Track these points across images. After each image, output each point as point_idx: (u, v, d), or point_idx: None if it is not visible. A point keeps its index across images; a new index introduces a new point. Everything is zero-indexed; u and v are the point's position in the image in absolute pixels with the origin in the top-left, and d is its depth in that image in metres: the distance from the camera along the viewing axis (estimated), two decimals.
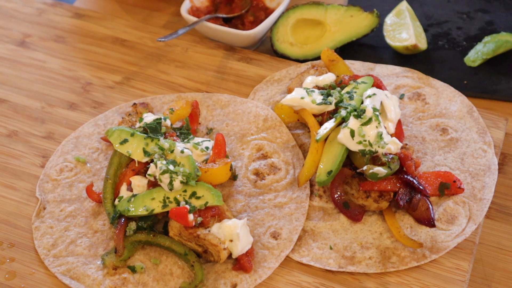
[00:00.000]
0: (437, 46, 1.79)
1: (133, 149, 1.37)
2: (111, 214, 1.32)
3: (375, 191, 1.33)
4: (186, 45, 1.75)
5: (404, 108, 1.54)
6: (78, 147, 1.50)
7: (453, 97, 1.56)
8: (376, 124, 1.35)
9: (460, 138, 1.48)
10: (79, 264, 1.30)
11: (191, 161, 1.33)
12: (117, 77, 1.69)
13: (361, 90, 1.44)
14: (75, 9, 1.88)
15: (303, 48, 1.74)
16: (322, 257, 1.31)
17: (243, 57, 1.71)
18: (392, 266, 1.29)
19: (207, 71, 1.69)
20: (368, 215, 1.36)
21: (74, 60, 1.74)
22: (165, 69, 1.70)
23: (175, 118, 1.46)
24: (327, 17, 1.76)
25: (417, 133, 1.49)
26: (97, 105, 1.62)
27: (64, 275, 1.29)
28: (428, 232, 1.33)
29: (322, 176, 1.34)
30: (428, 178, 1.38)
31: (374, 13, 1.76)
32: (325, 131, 1.39)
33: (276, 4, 1.80)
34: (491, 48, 1.72)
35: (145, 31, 1.80)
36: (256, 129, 1.50)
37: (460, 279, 1.28)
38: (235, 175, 1.42)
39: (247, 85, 1.65)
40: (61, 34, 1.81)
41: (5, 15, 1.87)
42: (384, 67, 1.64)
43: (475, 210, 1.36)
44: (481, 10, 1.89)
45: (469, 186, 1.40)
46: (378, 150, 1.33)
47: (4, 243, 1.37)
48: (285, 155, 1.45)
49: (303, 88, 1.48)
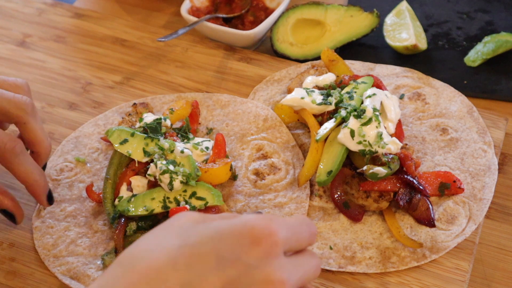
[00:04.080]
0: (437, 46, 1.79)
1: (133, 149, 1.37)
2: (111, 214, 1.32)
3: (375, 191, 1.33)
4: (186, 45, 1.75)
5: (404, 108, 1.54)
6: (78, 147, 1.50)
7: (453, 97, 1.56)
8: (376, 124, 1.35)
9: (460, 138, 1.48)
10: (79, 264, 1.30)
11: (191, 161, 1.33)
12: (117, 77, 1.69)
13: (361, 90, 1.44)
14: (75, 9, 1.88)
15: (303, 48, 1.74)
16: (322, 257, 1.31)
17: (243, 57, 1.71)
18: (392, 266, 1.29)
19: (207, 71, 1.69)
20: (368, 215, 1.36)
21: (74, 60, 1.74)
22: (165, 69, 1.70)
23: (175, 118, 1.46)
24: (327, 17, 1.76)
25: (417, 133, 1.49)
26: (97, 105, 1.62)
27: (64, 275, 1.29)
28: (428, 232, 1.33)
29: (322, 176, 1.34)
30: (428, 178, 1.38)
31: (374, 13, 1.76)
32: (325, 131, 1.39)
33: (276, 4, 1.80)
34: (491, 48, 1.71)
35: (145, 31, 1.80)
36: (256, 129, 1.50)
37: (460, 279, 1.28)
38: (235, 175, 1.42)
39: (247, 85, 1.65)
40: (61, 34, 1.81)
41: (5, 15, 1.87)
42: (384, 67, 1.64)
43: (475, 210, 1.36)
44: (481, 10, 1.89)
45: (469, 186, 1.40)
46: (378, 150, 1.33)
47: (4, 243, 1.37)
48: (285, 155, 1.45)
49: (303, 88, 1.48)
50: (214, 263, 0.87)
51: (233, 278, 0.86)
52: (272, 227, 0.90)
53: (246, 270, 0.87)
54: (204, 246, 0.88)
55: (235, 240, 0.89)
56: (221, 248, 0.88)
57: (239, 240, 0.89)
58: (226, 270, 0.86)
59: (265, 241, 0.88)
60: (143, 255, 0.89)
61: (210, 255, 0.87)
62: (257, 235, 0.89)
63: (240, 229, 0.89)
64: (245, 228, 0.89)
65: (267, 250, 0.88)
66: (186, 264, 0.86)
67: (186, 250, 0.88)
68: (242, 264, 0.87)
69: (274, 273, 0.88)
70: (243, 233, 0.89)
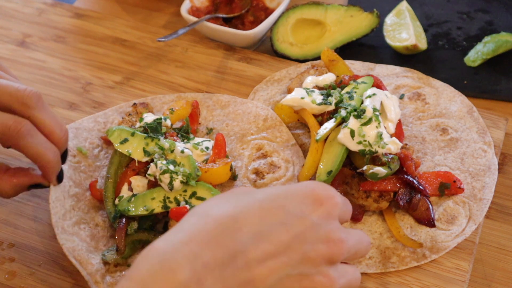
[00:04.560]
0: (437, 46, 1.79)
1: (133, 149, 1.37)
2: (112, 213, 1.32)
3: (375, 191, 1.33)
4: (186, 45, 1.75)
5: (404, 108, 1.54)
6: (78, 138, 1.47)
7: (453, 97, 1.56)
8: (376, 124, 1.35)
9: (460, 138, 1.48)
10: (83, 249, 1.28)
11: (191, 161, 1.33)
12: (117, 77, 1.69)
13: (361, 90, 1.44)
14: (75, 9, 1.88)
15: (303, 48, 1.74)
16: None
17: (243, 57, 1.71)
18: (392, 266, 1.29)
19: (207, 71, 1.69)
20: (368, 215, 1.36)
21: (74, 60, 1.74)
22: (165, 69, 1.70)
23: (175, 118, 1.46)
24: (327, 17, 1.76)
25: (417, 133, 1.49)
26: (97, 105, 1.62)
27: (69, 252, 1.27)
28: (428, 232, 1.33)
29: (322, 176, 1.34)
30: (428, 178, 1.38)
31: (374, 13, 1.76)
32: (325, 131, 1.39)
33: (276, 4, 1.80)
34: (491, 48, 1.72)
35: (145, 31, 1.80)
36: (256, 129, 1.50)
37: (460, 279, 1.28)
38: (235, 175, 1.42)
39: (247, 85, 1.65)
40: (61, 34, 1.81)
41: (5, 15, 1.87)
42: (384, 67, 1.64)
43: (475, 210, 1.36)
44: (481, 10, 1.89)
45: (469, 186, 1.40)
46: (378, 150, 1.33)
47: (4, 243, 1.37)
48: (285, 153, 1.45)
49: (303, 88, 1.48)
50: (283, 218, 0.94)
51: (299, 232, 0.94)
52: (331, 191, 0.99)
53: (311, 227, 0.95)
54: (272, 202, 0.95)
55: (300, 199, 0.96)
56: (287, 204, 0.95)
57: (303, 199, 0.97)
58: (294, 224, 0.94)
59: (326, 202, 0.97)
60: (217, 207, 0.95)
61: (278, 210, 0.94)
62: (319, 197, 0.97)
63: (303, 190, 0.98)
64: (307, 189, 0.98)
65: (328, 210, 0.97)
66: (257, 216, 0.93)
67: (256, 204, 0.95)
68: (308, 220, 0.95)
69: (335, 232, 0.96)
70: (307, 194, 0.97)
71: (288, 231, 0.93)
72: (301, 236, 0.94)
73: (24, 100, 1.18)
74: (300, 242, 0.94)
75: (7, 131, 1.16)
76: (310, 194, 0.97)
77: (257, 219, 0.93)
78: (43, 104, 1.21)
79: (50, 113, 1.22)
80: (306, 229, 0.94)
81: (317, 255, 0.94)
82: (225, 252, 0.90)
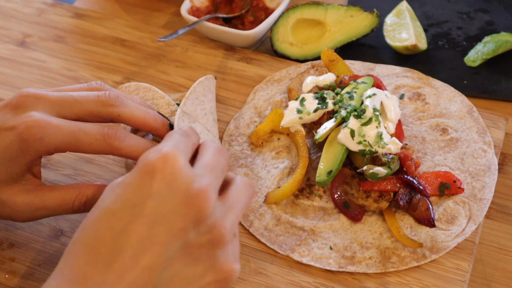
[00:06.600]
0: (437, 46, 1.79)
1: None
2: None
3: (375, 191, 1.33)
4: (186, 45, 1.75)
5: (404, 108, 1.54)
6: None
7: (453, 97, 1.56)
8: (376, 124, 1.35)
9: (460, 138, 1.48)
10: None
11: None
12: (117, 77, 1.69)
13: (361, 90, 1.44)
14: (75, 9, 1.88)
15: (303, 48, 1.74)
16: (322, 257, 1.31)
17: (243, 57, 1.71)
18: (392, 266, 1.29)
19: (207, 71, 1.69)
20: (368, 215, 1.36)
21: (74, 60, 1.74)
22: (165, 69, 1.70)
23: None
24: (327, 17, 1.76)
25: (417, 133, 1.49)
26: None
27: None
28: (428, 232, 1.33)
29: (322, 176, 1.34)
30: (428, 178, 1.38)
31: (374, 13, 1.76)
32: (325, 131, 1.39)
33: (276, 4, 1.80)
34: (491, 48, 1.72)
35: (145, 31, 1.80)
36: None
37: (460, 279, 1.28)
38: None
39: (247, 85, 1.65)
40: (61, 34, 1.81)
41: (5, 15, 1.87)
42: (384, 67, 1.64)
43: (475, 210, 1.36)
44: (481, 10, 1.89)
45: (469, 186, 1.40)
46: (378, 150, 1.33)
47: (4, 243, 1.37)
48: None
49: (295, 99, 1.46)
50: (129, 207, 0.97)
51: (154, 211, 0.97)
52: (166, 154, 0.99)
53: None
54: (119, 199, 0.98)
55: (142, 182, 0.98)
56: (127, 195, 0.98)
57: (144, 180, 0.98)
58: (144, 208, 0.96)
59: (161, 171, 0.97)
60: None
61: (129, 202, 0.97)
62: (152, 168, 0.98)
63: (141, 169, 0.99)
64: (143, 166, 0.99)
65: (167, 176, 0.97)
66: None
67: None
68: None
69: (197, 182, 0.99)
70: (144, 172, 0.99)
71: (142, 222, 0.97)
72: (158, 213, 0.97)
73: (108, 102, 1.21)
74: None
75: (104, 138, 1.18)
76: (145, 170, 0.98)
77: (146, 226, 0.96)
78: (123, 100, 1.24)
79: (134, 105, 1.25)
80: (159, 207, 0.96)
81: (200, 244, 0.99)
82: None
